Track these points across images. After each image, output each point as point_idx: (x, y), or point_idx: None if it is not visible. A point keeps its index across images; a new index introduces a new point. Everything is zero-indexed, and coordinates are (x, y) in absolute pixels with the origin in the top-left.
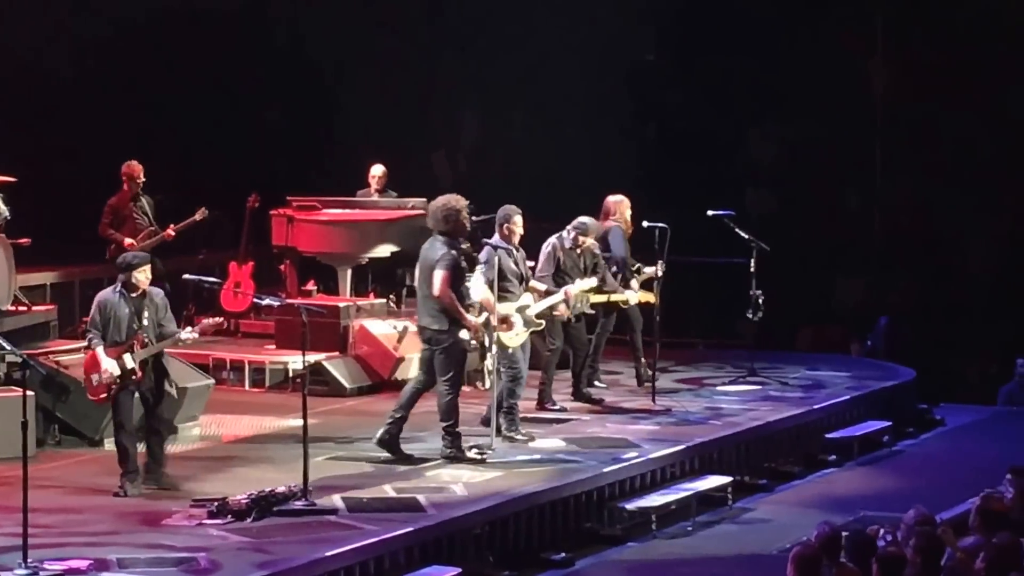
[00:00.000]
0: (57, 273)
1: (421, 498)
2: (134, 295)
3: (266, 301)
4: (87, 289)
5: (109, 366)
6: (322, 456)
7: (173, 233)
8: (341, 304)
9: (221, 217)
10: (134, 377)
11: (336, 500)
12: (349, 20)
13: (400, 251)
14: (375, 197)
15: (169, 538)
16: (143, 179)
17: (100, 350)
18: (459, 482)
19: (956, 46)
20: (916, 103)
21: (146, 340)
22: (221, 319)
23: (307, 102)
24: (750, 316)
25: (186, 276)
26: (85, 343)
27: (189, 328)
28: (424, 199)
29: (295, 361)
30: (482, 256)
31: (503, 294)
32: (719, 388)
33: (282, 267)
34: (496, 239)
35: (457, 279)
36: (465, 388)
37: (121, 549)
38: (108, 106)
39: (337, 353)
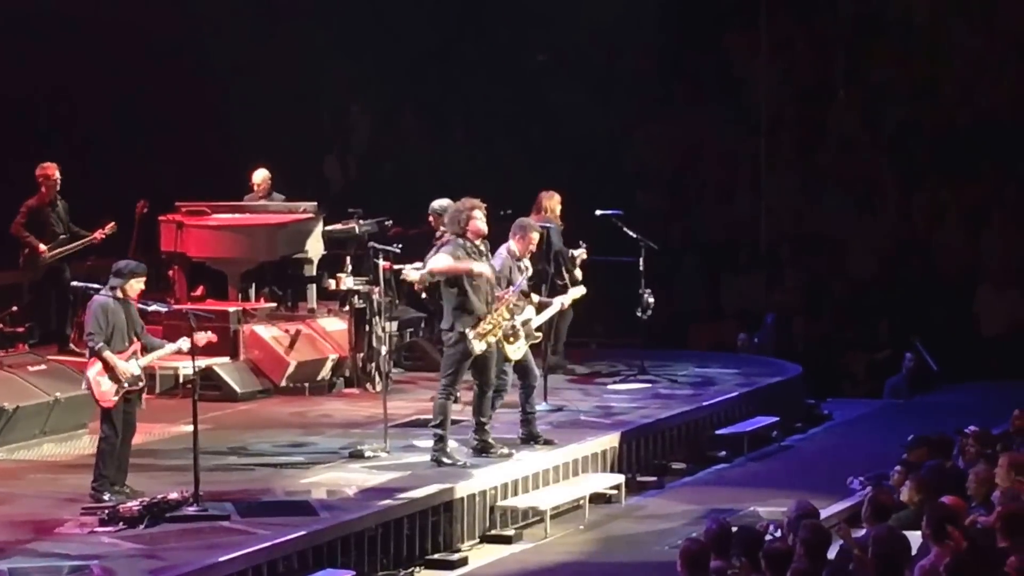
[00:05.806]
0: None
1: (313, 501)
2: (125, 303)
3: (152, 307)
4: None
5: (129, 367)
6: (214, 461)
7: (100, 238)
8: (231, 309)
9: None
10: (141, 383)
11: (228, 505)
12: (236, 22)
13: (290, 255)
14: (262, 202)
15: (61, 546)
16: (58, 176)
17: (109, 354)
18: (351, 484)
19: (838, 50)
20: (799, 105)
21: (144, 347)
22: (211, 333)
23: (195, 106)
24: (640, 315)
25: (74, 283)
26: (87, 350)
27: (184, 339)
28: (314, 203)
29: (185, 366)
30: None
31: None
32: (610, 387)
33: (170, 272)
34: (511, 246)
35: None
36: (354, 390)
37: (13, 559)
38: None
39: (228, 358)
